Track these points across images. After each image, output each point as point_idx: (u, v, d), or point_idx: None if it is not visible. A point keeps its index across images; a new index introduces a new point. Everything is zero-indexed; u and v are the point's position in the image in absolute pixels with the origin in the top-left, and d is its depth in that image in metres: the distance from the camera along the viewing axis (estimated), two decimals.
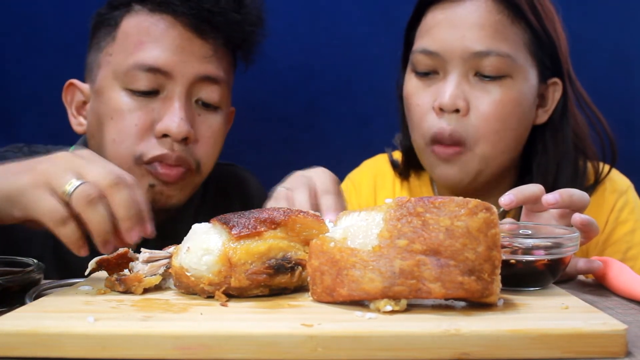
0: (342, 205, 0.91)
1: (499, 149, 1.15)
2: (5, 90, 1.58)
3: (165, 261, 0.78)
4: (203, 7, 1.15)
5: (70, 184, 0.78)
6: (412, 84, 1.20)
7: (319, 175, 0.95)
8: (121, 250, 0.77)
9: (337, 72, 1.61)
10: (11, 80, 1.58)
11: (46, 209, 0.78)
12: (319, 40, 1.61)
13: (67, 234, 0.78)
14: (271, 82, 1.53)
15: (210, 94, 1.18)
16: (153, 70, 1.13)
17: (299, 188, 0.92)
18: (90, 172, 0.79)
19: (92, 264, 0.77)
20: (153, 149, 1.12)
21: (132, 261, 0.79)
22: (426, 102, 1.16)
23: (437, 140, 1.14)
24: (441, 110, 1.13)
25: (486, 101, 1.12)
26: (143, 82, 1.13)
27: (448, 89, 1.12)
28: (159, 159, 1.13)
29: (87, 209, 0.77)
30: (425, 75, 1.17)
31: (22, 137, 1.33)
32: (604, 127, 1.23)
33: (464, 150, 1.14)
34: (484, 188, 1.21)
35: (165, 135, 1.12)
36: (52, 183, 0.79)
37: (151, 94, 1.14)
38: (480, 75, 1.13)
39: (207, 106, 1.19)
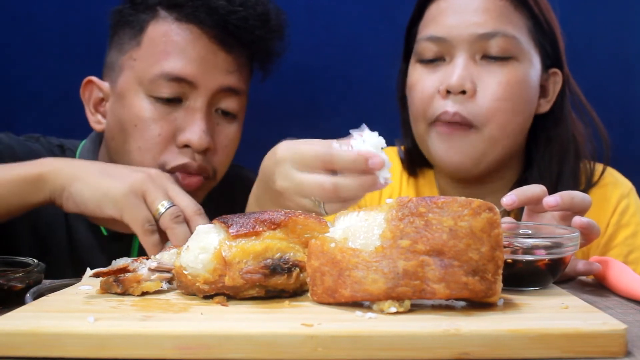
0: None
1: (507, 132, 1.15)
2: (6, 89, 1.58)
3: (169, 275, 0.77)
4: (231, 22, 1.17)
5: (163, 205, 0.92)
6: (416, 73, 1.20)
7: None
8: (121, 264, 0.77)
9: (337, 71, 1.61)
10: (12, 80, 1.58)
11: (140, 218, 0.92)
12: (319, 39, 1.61)
13: (151, 242, 0.93)
14: (271, 81, 1.53)
15: (231, 104, 1.21)
16: (178, 79, 1.15)
17: None
18: (178, 198, 0.95)
19: (87, 275, 0.77)
20: (175, 158, 1.15)
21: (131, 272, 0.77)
22: (431, 87, 1.16)
23: (440, 120, 1.14)
24: (447, 93, 1.13)
25: (493, 82, 1.13)
26: (167, 90, 1.15)
27: (456, 70, 1.13)
28: (181, 168, 1.15)
29: (174, 225, 0.91)
30: (431, 62, 1.18)
31: None
32: (598, 127, 1.23)
33: (471, 131, 1.13)
34: (488, 178, 1.21)
35: (186, 146, 1.15)
36: (147, 198, 0.93)
37: (174, 101, 1.16)
38: (487, 58, 1.14)
39: (225, 115, 1.22)
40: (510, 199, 0.84)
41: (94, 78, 1.24)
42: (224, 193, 1.39)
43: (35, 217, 1.20)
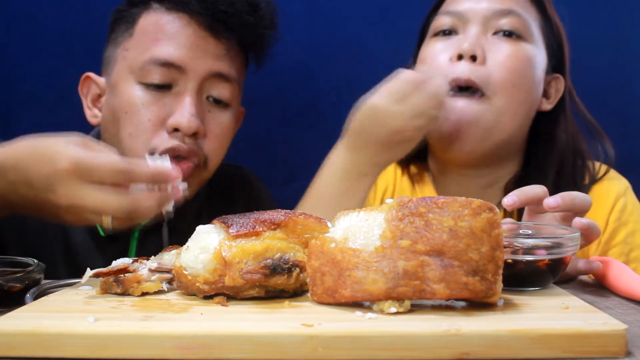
0: None
1: (513, 105, 1.16)
2: (6, 89, 1.58)
3: (169, 275, 0.77)
4: (218, 8, 1.18)
5: (102, 229, 0.86)
6: (429, 46, 1.23)
7: None
8: (121, 264, 0.77)
9: (337, 72, 1.61)
10: (12, 80, 1.58)
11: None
12: (319, 40, 1.61)
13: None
14: (271, 81, 1.53)
15: (222, 91, 1.20)
16: (167, 65, 1.15)
17: None
18: (106, 203, 0.81)
19: (87, 275, 0.76)
20: (165, 142, 1.14)
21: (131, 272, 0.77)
22: (443, 59, 1.19)
23: (454, 86, 1.15)
24: (459, 58, 1.16)
25: (502, 53, 1.16)
26: (157, 76, 1.15)
27: (468, 38, 1.17)
28: (171, 151, 1.14)
29: (132, 223, 0.84)
30: (445, 35, 1.21)
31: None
32: (601, 136, 1.25)
33: (482, 99, 1.14)
34: (485, 169, 1.21)
35: (176, 130, 1.15)
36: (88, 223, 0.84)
37: (164, 88, 1.16)
38: (498, 35, 1.18)
39: (217, 103, 1.21)
40: (511, 199, 0.84)
41: (91, 74, 1.25)
42: (224, 193, 1.39)
43: (30, 218, 1.19)
